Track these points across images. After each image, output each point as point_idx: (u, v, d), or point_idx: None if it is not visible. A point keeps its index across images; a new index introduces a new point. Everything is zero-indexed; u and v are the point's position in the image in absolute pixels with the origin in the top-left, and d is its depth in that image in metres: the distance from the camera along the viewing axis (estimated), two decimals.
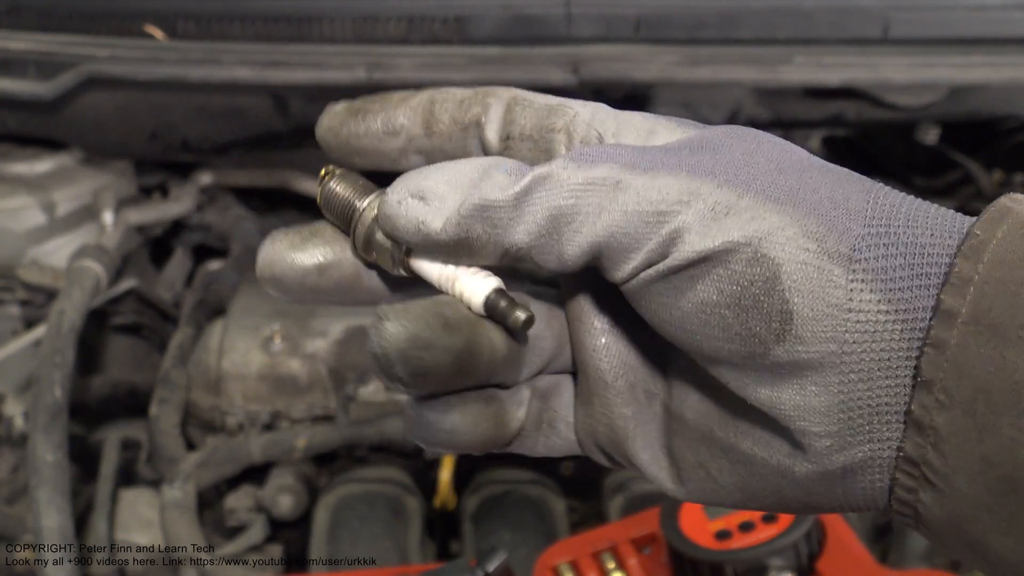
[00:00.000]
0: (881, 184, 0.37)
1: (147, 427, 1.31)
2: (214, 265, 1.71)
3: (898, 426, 0.34)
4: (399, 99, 0.42)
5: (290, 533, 1.27)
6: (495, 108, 0.40)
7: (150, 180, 1.68)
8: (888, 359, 0.34)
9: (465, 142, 0.41)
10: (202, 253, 1.77)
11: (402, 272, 0.40)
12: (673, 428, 0.40)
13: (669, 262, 0.35)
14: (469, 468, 1.28)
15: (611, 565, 0.89)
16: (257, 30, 1.27)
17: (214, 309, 1.50)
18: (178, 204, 1.61)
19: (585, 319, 0.41)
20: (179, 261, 1.74)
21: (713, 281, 0.35)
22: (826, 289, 0.34)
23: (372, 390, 1.32)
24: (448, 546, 1.24)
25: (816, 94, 1.38)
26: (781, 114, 1.41)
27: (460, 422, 0.39)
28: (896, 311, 0.34)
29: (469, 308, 0.38)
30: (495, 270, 0.39)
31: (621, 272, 0.36)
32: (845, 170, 0.38)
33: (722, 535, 0.82)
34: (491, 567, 0.84)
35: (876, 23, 1.27)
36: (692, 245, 0.35)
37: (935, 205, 0.36)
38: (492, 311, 0.38)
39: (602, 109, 0.40)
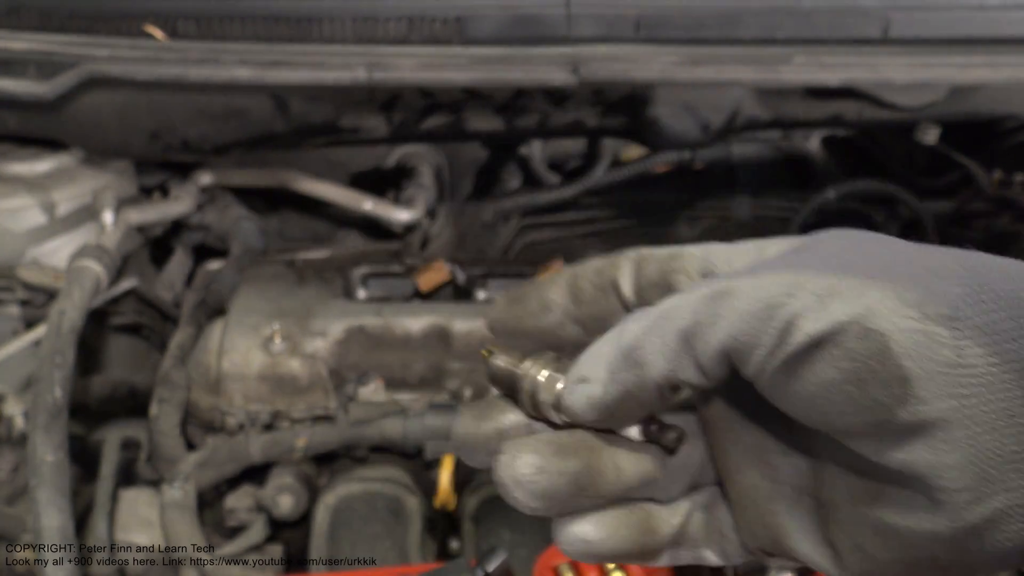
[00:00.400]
0: (974, 250, 0.41)
1: (147, 427, 1.31)
2: (214, 265, 1.71)
3: None
4: (547, 281, 0.49)
5: (290, 533, 1.27)
6: (625, 268, 0.48)
7: (150, 180, 1.68)
8: (1008, 408, 0.36)
9: (607, 302, 0.47)
10: (202, 253, 1.77)
11: (566, 420, 0.45)
12: (825, 516, 0.43)
13: (788, 349, 0.38)
14: (469, 468, 1.28)
15: (611, 565, 0.89)
16: (257, 30, 1.27)
17: (214, 309, 1.50)
18: (178, 204, 1.61)
19: (723, 431, 0.46)
20: (179, 261, 1.74)
21: (831, 361, 0.37)
22: (935, 350, 0.36)
23: (372, 390, 1.32)
24: (448, 546, 1.24)
25: (816, 94, 1.38)
26: (781, 114, 1.41)
27: (593, 531, 0.44)
28: (1007, 362, 0.36)
29: (627, 435, 0.45)
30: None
31: (751, 367, 0.40)
32: (937, 245, 0.42)
33: None
34: (491, 567, 0.84)
35: (876, 23, 1.27)
36: (805, 330, 0.37)
37: None
38: (648, 435, 0.44)
39: (714, 245, 0.46)
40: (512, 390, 0.47)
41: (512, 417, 0.47)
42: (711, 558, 0.47)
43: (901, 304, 0.37)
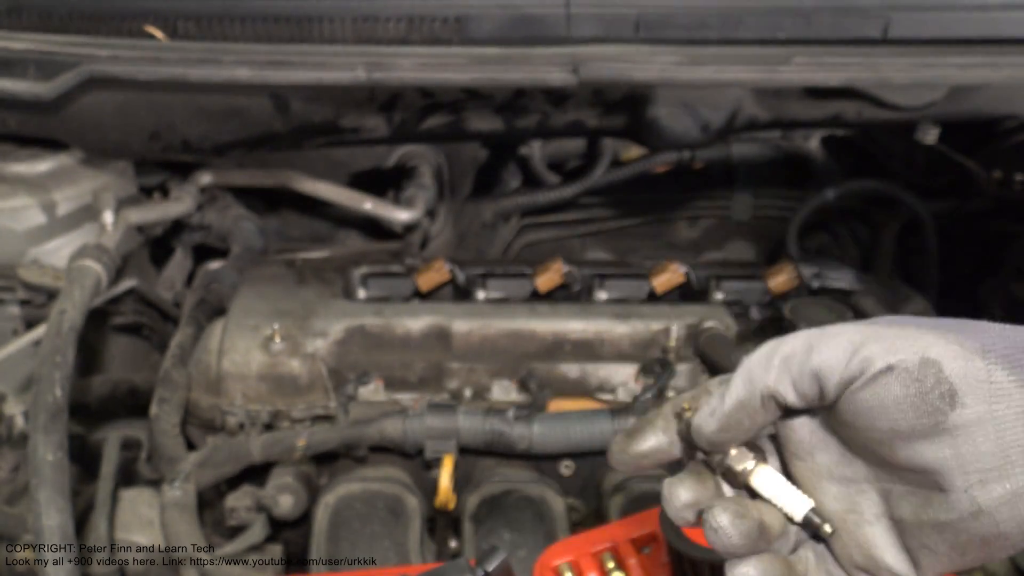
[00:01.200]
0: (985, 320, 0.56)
1: (147, 427, 1.31)
2: (214, 265, 1.71)
3: None
4: (652, 420, 0.64)
5: (290, 533, 1.27)
6: (713, 383, 0.63)
7: (150, 180, 1.68)
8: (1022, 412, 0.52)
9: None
10: (202, 253, 1.77)
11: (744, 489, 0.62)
12: (901, 530, 0.57)
13: (868, 374, 0.54)
14: (469, 468, 1.28)
15: (611, 565, 0.89)
16: (257, 30, 1.27)
17: (214, 309, 1.50)
18: (178, 204, 1.61)
19: (808, 477, 0.61)
20: (179, 261, 1.74)
21: (898, 379, 0.53)
22: (973, 372, 0.52)
23: (372, 390, 1.32)
24: (448, 546, 1.24)
25: (816, 94, 1.38)
26: (781, 114, 1.41)
27: (754, 572, 0.57)
28: (1021, 381, 0.52)
29: (790, 519, 0.60)
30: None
31: (835, 385, 0.55)
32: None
33: None
34: (491, 567, 0.84)
35: (876, 23, 1.27)
36: (882, 360, 0.53)
37: None
38: (808, 524, 0.59)
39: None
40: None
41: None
42: None
43: (948, 343, 0.53)
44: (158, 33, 1.28)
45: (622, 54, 1.23)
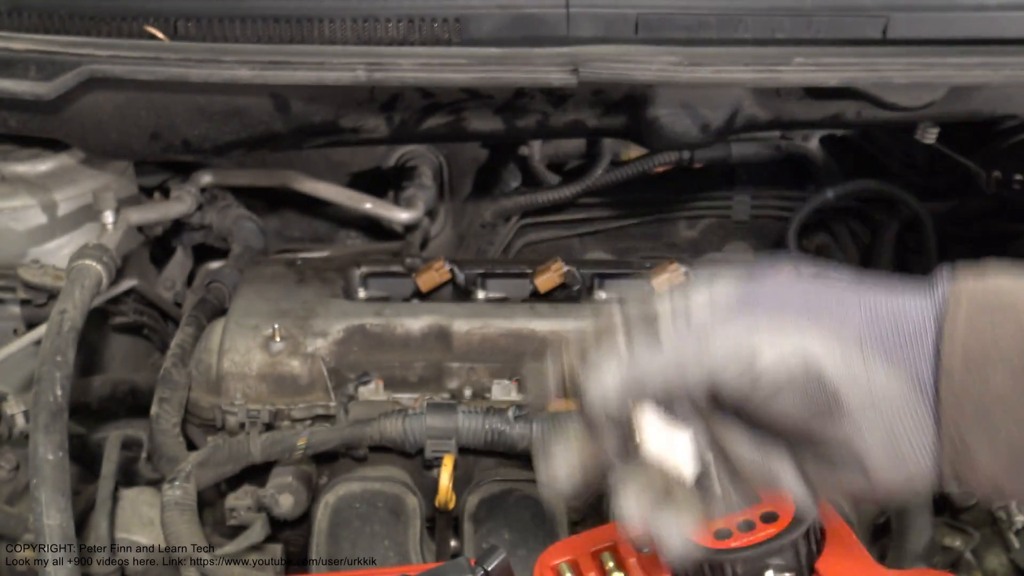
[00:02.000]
0: (868, 282, 0.59)
1: (148, 426, 1.31)
2: (215, 265, 1.71)
3: (935, 442, 0.55)
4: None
5: (290, 533, 1.27)
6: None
7: (150, 180, 1.68)
8: (905, 401, 0.54)
9: None
10: (203, 253, 1.77)
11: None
12: (804, 474, 0.62)
13: (759, 394, 0.56)
14: (469, 468, 1.28)
15: (611, 564, 0.89)
16: (257, 31, 1.27)
17: (215, 309, 1.51)
18: (178, 204, 1.62)
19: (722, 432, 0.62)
20: (180, 261, 1.74)
21: (790, 397, 0.56)
22: (853, 371, 0.54)
23: (372, 389, 1.32)
24: (448, 546, 1.24)
25: (816, 94, 1.38)
26: (781, 114, 1.41)
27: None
28: (895, 370, 0.54)
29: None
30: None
31: (727, 403, 0.58)
32: (835, 277, 0.60)
33: (721, 534, 0.82)
34: (491, 566, 0.84)
35: (876, 23, 1.27)
36: (770, 375, 0.55)
37: (907, 292, 0.57)
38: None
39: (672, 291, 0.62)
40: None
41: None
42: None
43: (828, 337, 0.55)
44: (158, 33, 1.28)
45: (622, 54, 1.23)
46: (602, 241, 1.96)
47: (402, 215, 1.70)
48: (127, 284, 1.51)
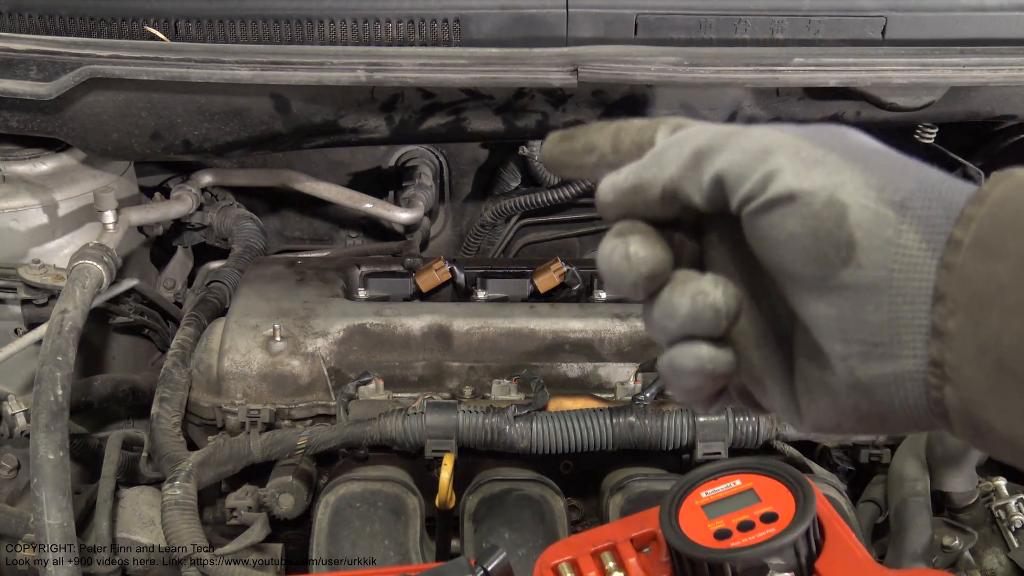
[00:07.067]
0: (935, 167, 0.48)
1: (148, 426, 1.31)
2: (215, 265, 1.71)
3: (928, 338, 0.44)
4: (596, 128, 0.56)
5: (290, 532, 1.27)
6: (663, 130, 0.54)
7: (151, 180, 1.68)
8: (926, 287, 0.44)
9: (641, 156, 0.53)
10: (203, 253, 1.78)
11: None
12: (792, 375, 0.50)
13: (768, 194, 0.46)
14: (469, 468, 1.28)
15: (611, 564, 0.90)
16: (258, 31, 1.27)
17: (215, 308, 1.51)
18: (179, 204, 1.62)
19: (719, 266, 0.53)
20: (180, 261, 1.75)
21: (797, 215, 0.45)
22: (881, 227, 0.44)
23: (372, 389, 1.33)
24: (448, 546, 1.24)
25: (815, 94, 1.39)
26: (780, 114, 1.42)
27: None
28: (932, 249, 0.44)
29: None
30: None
31: (737, 199, 0.47)
32: (907, 156, 0.49)
33: (721, 534, 0.82)
34: (491, 566, 0.84)
35: (875, 24, 1.28)
36: (785, 182, 0.45)
37: (970, 183, 0.47)
38: None
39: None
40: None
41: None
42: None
43: (865, 185, 0.45)
44: (159, 34, 1.28)
45: (622, 54, 1.24)
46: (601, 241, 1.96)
47: (402, 215, 1.70)
48: (128, 284, 1.51)
